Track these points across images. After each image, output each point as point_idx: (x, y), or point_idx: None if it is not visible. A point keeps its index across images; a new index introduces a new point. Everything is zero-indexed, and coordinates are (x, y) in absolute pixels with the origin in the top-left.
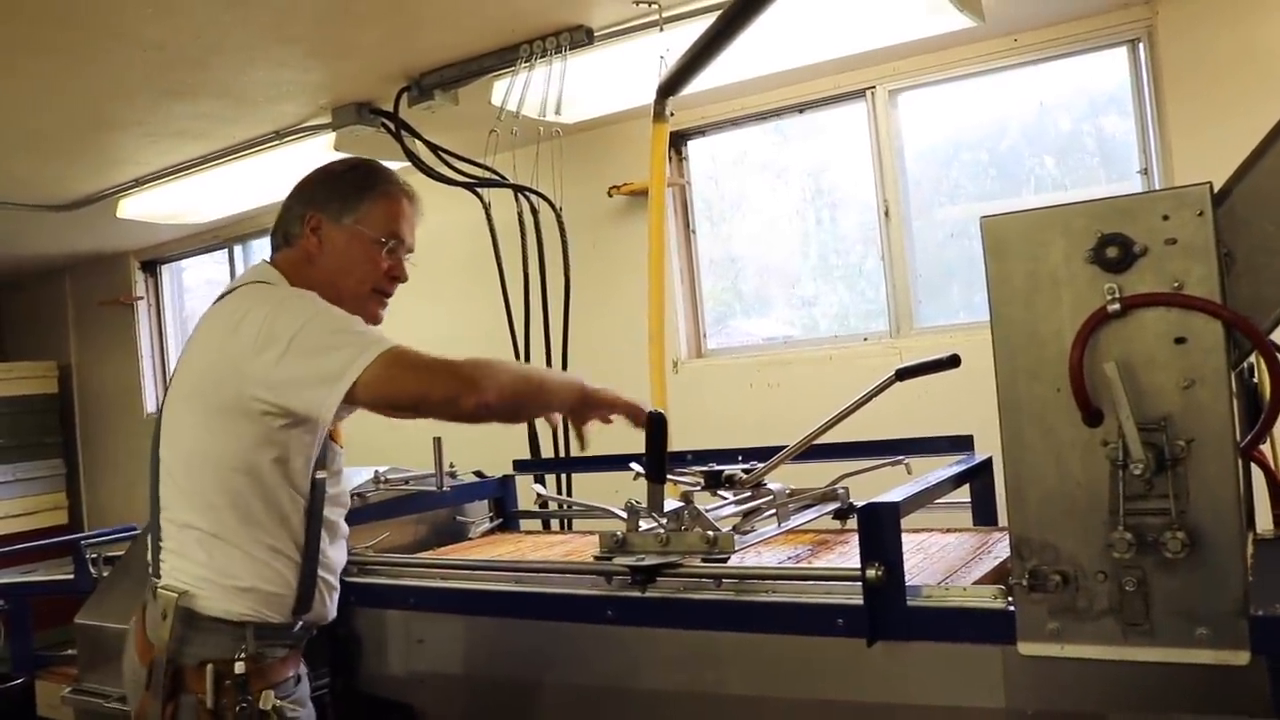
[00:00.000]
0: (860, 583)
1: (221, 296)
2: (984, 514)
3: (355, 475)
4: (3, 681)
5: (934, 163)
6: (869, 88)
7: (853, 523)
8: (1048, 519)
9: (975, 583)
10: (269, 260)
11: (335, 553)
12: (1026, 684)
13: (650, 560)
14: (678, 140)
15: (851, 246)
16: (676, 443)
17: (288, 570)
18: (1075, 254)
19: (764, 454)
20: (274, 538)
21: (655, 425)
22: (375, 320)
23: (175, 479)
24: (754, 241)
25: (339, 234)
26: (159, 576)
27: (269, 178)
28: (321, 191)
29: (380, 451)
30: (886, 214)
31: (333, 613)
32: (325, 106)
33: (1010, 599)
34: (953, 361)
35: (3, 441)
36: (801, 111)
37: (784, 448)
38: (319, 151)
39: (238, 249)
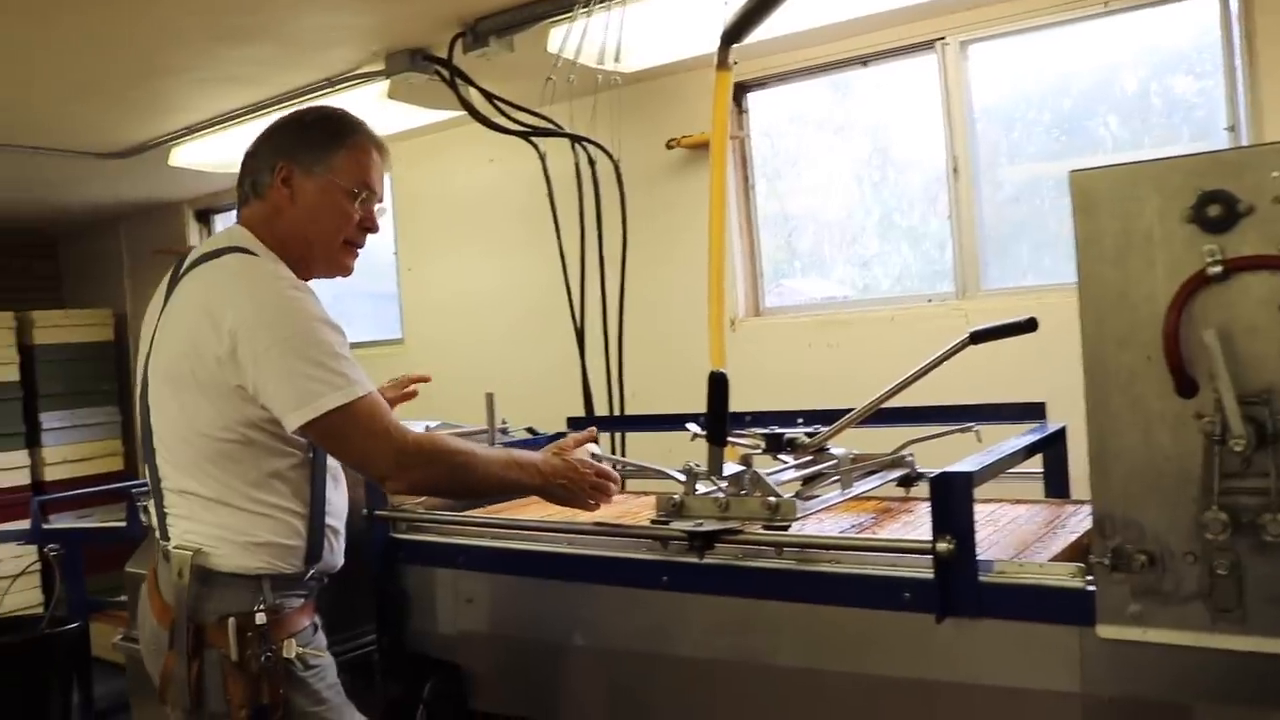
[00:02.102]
0: (930, 555)
1: (196, 262)
2: (1056, 485)
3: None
4: (61, 624)
5: (998, 119)
6: (939, 38)
7: (917, 491)
8: (1133, 495)
9: (1051, 559)
10: (238, 219)
11: (338, 498)
12: (1105, 668)
13: (709, 525)
14: (738, 92)
15: (915, 204)
16: (733, 403)
17: (297, 522)
18: (1172, 212)
19: (824, 416)
20: (276, 494)
21: (716, 385)
22: (346, 270)
23: (169, 449)
24: (812, 199)
25: (310, 184)
26: (168, 540)
27: None
28: (291, 140)
29: (432, 406)
30: (955, 170)
31: (340, 560)
32: (378, 53)
33: (1090, 578)
34: (1030, 325)
35: (60, 388)
36: (865, 64)
37: (844, 410)
38: (372, 100)
39: None
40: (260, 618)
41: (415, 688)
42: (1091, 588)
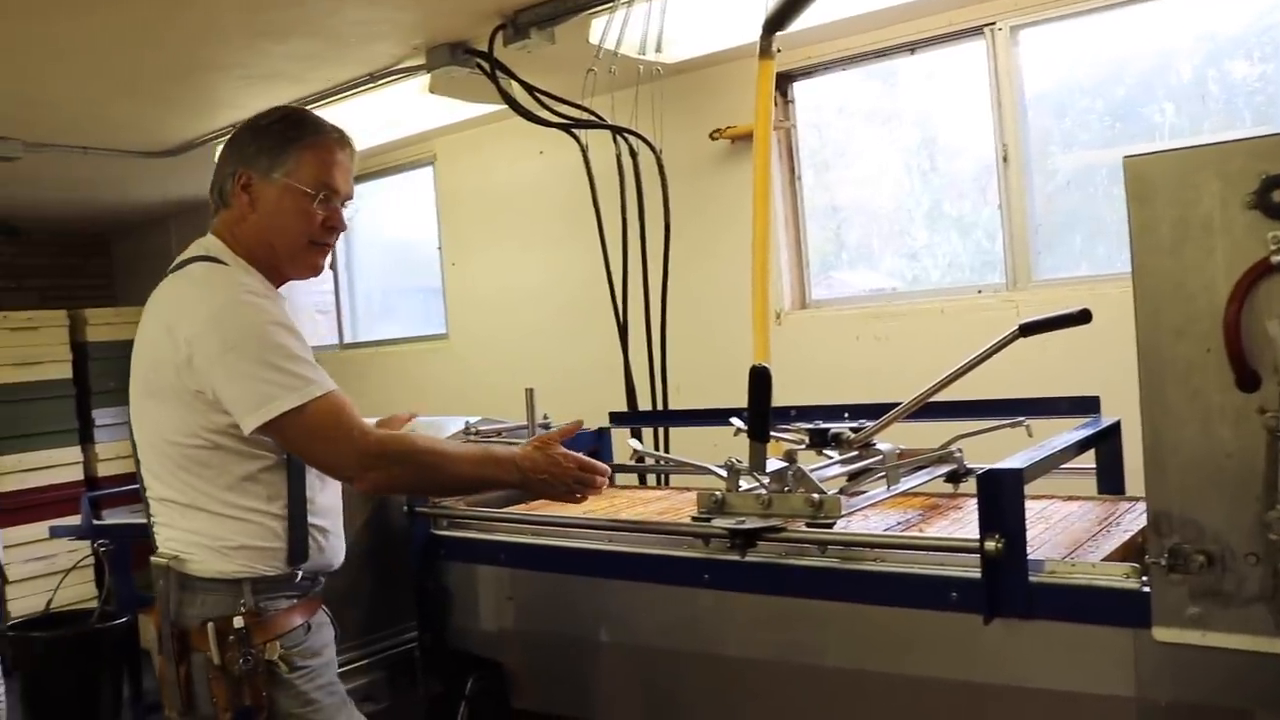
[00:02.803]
0: (978, 554)
1: (169, 273)
2: (1110, 482)
3: (446, 425)
4: (111, 619)
5: (1050, 106)
6: (989, 23)
7: (966, 487)
8: (1191, 492)
9: (1105, 559)
10: (211, 228)
11: (327, 498)
12: (1161, 673)
13: (751, 523)
14: (783, 82)
15: (965, 194)
16: (778, 397)
17: (274, 524)
18: (1233, 198)
19: (872, 411)
20: (251, 497)
21: (758, 380)
22: (316, 270)
23: (147, 459)
24: (860, 190)
25: (269, 189)
26: (156, 547)
27: (365, 123)
28: (250, 146)
29: (472, 402)
30: (1005, 159)
31: (336, 559)
32: (419, 47)
33: (1145, 578)
34: (1083, 317)
35: (113, 384)
36: (913, 51)
37: (893, 405)
38: (413, 95)
39: None
40: (239, 621)
41: (457, 685)
42: (1147, 589)
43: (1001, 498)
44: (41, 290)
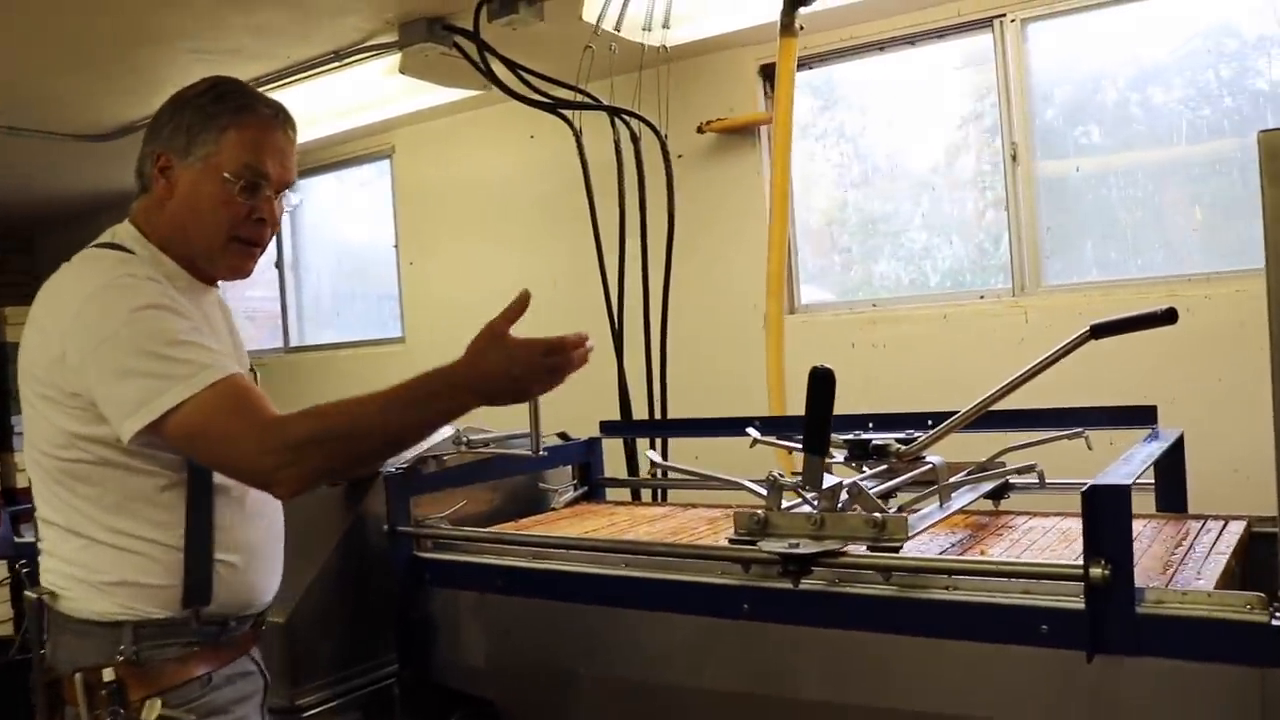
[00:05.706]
0: (1080, 581)
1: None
2: (1170, 498)
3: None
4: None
5: (1063, 106)
6: (998, 15)
7: (1007, 504)
8: None
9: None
10: (130, 213)
11: (246, 532)
12: None
13: (805, 547)
14: (770, 73)
15: (967, 195)
16: (766, 407)
17: (166, 556)
18: None
19: (896, 422)
20: (140, 524)
21: (819, 383)
22: (241, 272)
23: (31, 472)
24: (854, 190)
25: (187, 173)
26: (38, 579)
27: (328, 106)
28: (170, 123)
29: None
30: (1014, 158)
31: (258, 599)
32: (392, 22)
33: (1276, 609)
34: (1168, 316)
35: None
36: (914, 44)
37: (899, 415)
38: (383, 76)
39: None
40: (109, 673)
41: None
42: (1278, 623)
43: (1108, 518)
44: None
